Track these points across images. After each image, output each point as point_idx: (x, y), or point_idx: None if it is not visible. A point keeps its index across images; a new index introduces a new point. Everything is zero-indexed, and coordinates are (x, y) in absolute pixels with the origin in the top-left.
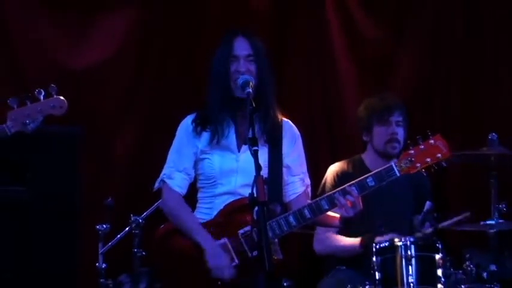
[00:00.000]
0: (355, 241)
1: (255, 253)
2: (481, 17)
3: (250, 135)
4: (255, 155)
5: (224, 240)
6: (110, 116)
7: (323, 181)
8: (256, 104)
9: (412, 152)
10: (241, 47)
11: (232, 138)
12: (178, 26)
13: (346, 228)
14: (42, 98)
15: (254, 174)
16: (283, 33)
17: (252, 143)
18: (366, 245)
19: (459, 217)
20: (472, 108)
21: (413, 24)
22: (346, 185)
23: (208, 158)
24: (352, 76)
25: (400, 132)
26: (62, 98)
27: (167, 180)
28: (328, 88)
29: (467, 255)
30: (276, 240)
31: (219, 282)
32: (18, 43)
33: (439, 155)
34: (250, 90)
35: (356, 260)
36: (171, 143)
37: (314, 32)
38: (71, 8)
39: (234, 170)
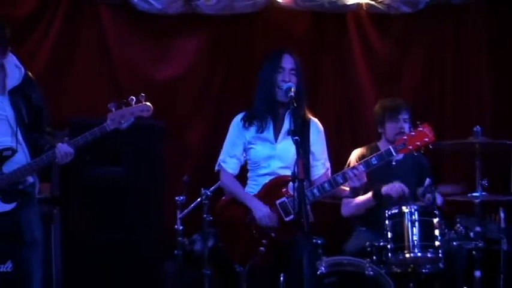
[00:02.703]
0: (368, 195)
1: (288, 218)
2: (467, 38)
3: (292, 128)
4: (296, 143)
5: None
6: (186, 114)
7: (348, 162)
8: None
9: (406, 137)
10: (288, 62)
11: (270, 132)
12: (237, 45)
13: (353, 194)
14: (133, 103)
15: (288, 159)
16: (318, 51)
17: (294, 134)
18: (376, 194)
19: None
20: (461, 108)
21: (415, 45)
22: (356, 164)
23: (253, 148)
24: (369, 83)
25: (406, 127)
26: (148, 103)
27: (222, 164)
28: (351, 92)
29: (458, 220)
30: (308, 206)
31: (264, 241)
32: (117, 62)
33: (426, 139)
34: (293, 94)
35: (373, 222)
36: None
37: (340, 49)
38: (156, 33)
39: (272, 156)
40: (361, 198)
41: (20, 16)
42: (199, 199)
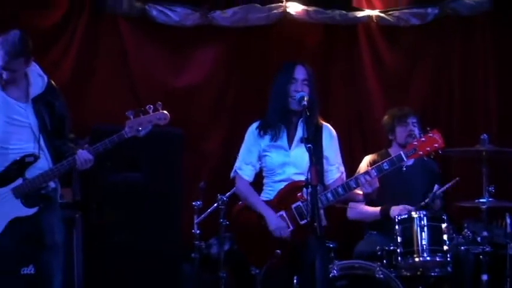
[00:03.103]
0: (376, 209)
1: (303, 221)
2: (474, 49)
3: (305, 135)
4: (309, 150)
5: (281, 212)
6: (203, 122)
7: (359, 168)
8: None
9: (416, 143)
10: (300, 73)
11: (284, 139)
12: (252, 56)
13: (367, 200)
14: (151, 111)
15: (302, 165)
16: (329, 62)
17: (307, 141)
18: (383, 213)
19: (450, 184)
20: (468, 116)
21: (423, 55)
22: (368, 168)
23: (268, 155)
24: (378, 92)
25: (416, 130)
26: (165, 112)
27: (238, 171)
28: (361, 101)
29: (466, 225)
30: (322, 211)
31: (280, 243)
32: (136, 72)
33: (436, 144)
34: (306, 103)
35: (383, 227)
36: None
37: (351, 60)
38: (174, 43)
39: (287, 163)
40: (369, 209)
41: (45, 27)
42: (215, 204)
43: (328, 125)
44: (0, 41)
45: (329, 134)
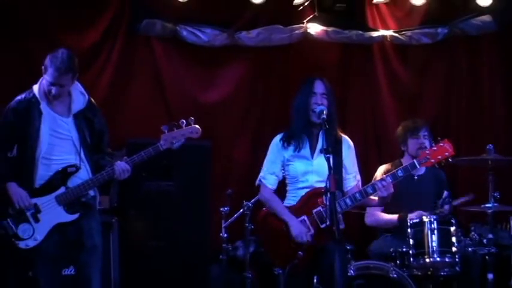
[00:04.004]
0: (393, 216)
1: (324, 225)
2: (481, 65)
3: (325, 146)
4: (327, 160)
5: (303, 217)
6: (230, 134)
7: (374, 177)
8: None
9: (428, 152)
10: (319, 87)
11: (307, 149)
12: (275, 73)
13: (381, 203)
14: (184, 126)
15: (324, 173)
16: (347, 78)
17: (326, 152)
18: (401, 220)
19: (466, 198)
20: (475, 128)
21: (434, 71)
22: (384, 176)
23: (292, 164)
24: (392, 105)
25: (426, 143)
26: (197, 126)
27: (262, 180)
28: (376, 113)
29: (473, 228)
30: (340, 215)
31: (302, 246)
32: (169, 88)
33: (447, 153)
34: (325, 116)
35: (396, 230)
36: None
37: (367, 76)
38: (203, 61)
39: (309, 171)
40: (386, 216)
41: (83, 48)
42: (241, 210)
43: (346, 137)
44: (50, 58)
45: (347, 145)
